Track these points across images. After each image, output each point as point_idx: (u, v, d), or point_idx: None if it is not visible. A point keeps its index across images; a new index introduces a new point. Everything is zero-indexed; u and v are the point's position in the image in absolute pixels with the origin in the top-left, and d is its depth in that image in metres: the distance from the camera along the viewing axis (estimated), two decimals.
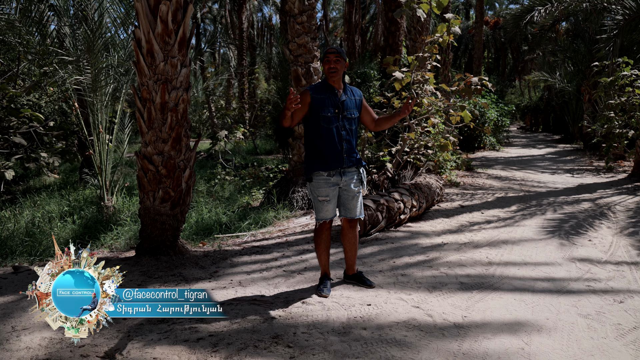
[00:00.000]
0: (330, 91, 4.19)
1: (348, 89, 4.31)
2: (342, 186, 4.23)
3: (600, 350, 3.23)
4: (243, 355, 3.21)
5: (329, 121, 4.14)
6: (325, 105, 4.13)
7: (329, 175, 4.17)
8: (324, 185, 4.17)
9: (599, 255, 5.39)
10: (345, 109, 4.20)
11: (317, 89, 4.21)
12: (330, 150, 4.15)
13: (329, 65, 4.13)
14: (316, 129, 4.18)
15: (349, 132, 4.22)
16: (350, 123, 4.23)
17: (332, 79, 4.16)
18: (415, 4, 9.08)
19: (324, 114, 4.13)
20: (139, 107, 5.28)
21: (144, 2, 4.95)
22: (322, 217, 4.26)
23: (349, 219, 4.35)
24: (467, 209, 7.93)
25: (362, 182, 4.33)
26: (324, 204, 4.21)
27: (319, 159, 4.17)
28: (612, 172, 12.29)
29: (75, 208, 8.25)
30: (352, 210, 4.30)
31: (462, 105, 9.08)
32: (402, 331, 3.52)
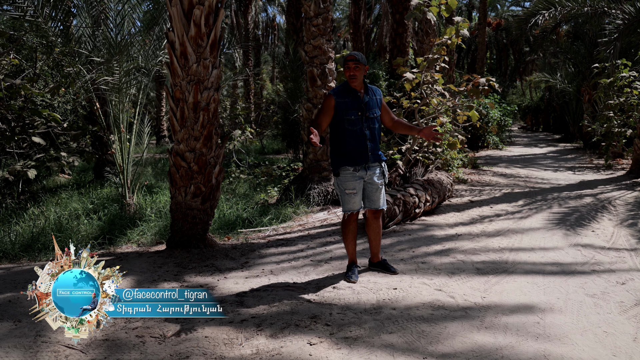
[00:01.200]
0: (352, 94, 4.46)
1: (369, 89, 4.58)
2: (366, 180, 4.52)
3: (606, 323, 3.60)
4: (287, 332, 3.54)
5: (353, 123, 4.43)
6: (349, 109, 4.42)
7: (354, 170, 4.47)
8: (351, 179, 4.47)
9: (601, 244, 5.76)
10: (368, 109, 4.48)
11: (340, 92, 4.48)
12: (356, 149, 4.44)
13: (349, 72, 4.41)
14: (342, 131, 4.47)
15: (372, 131, 4.50)
16: (373, 122, 4.51)
17: (353, 84, 4.44)
18: (425, 7, 9.43)
19: (348, 117, 4.42)
20: (171, 106, 5.61)
21: (178, 7, 5.28)
22: (349, 208, 4.56)
23: (373, 210, 4.67)
24: (476, 203, 8.28)
25: (384, 176, 4.60)
26: (351, 197, 4.51)
27: (345, 156, 4.48)
28: (611, 169, 12.66)
29: (99, 206, 8.57)
30: (376, 201, 4.61)
31: (469, 105, 9.42)
32: (429, 310, 3.87)
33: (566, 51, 20.07)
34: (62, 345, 3.37)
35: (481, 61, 26.17)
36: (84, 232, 6.97)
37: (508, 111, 19.99)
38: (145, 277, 4.84)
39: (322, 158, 8.74)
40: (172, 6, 5.30)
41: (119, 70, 7.72)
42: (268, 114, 21.95)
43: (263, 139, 21.33)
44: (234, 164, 11.66)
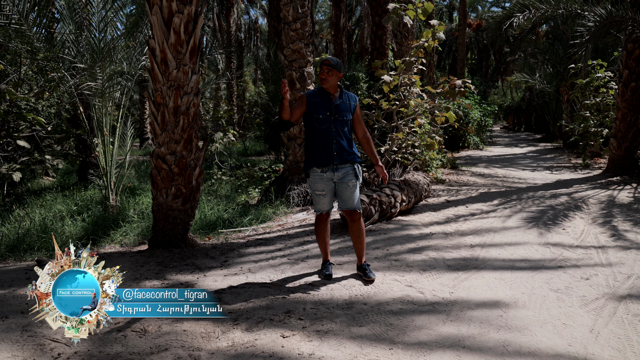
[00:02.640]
0: (325, 96, 4.61)
1: (344, 94, 4.70)
2: (335, 180, 4.61)
3: (566, 316, 3.81)
4: (261, 326, 3.71)
5: (321, 122, 4.54)
6: (319, 108, 4.55)
7: (322, 172, 4.57)
8: (319, 180, 4.59)
9: (571, 241, 5.99)
10: (338, 111, 4.58)
11: (314, 93, 4.66)
12: (321, 148, 4.55)
13: (321, 75, 4.58)
14: (311, 130, 4.62)
15: (340, 133, 4.58)
16: (342, 125, 4.60)
17: (324, 87, 4.60)
18: (402, 10, 9.64)
19: (317, 116, 4.54)
20: (152, 111, 5.76)
21: (159, 15, 5.43)
22: (318, 209, 4.71)
23: (348, 212, 4.67)
24: (452, 203, 8.51)
25: (356, 176, 4.64)
26: (319, 197, 4.64)
27: (312, 157, 4.60)
28: (588, 168, 12.96)
29: (82, 207, 8.68)
30: (347, 201, 4.64)
31: (446, 107, 9.64)
32: (398, 305, 4.06)
33: (544, 52, 20.47)
34: (48, 339, 3.51)
35: (462, 62, 26.52)
36: (68, 233, 7.08)
37: (488, 111, 20.34)
38: (127, 276, 4.96)
39: (302, 159, 8.91)
40: (152, 14, 5.45)
41: (101, 75, 7.83)
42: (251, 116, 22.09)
43: (246, 140, 21.46)
44: (216, 166, 11.80)
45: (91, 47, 8.62)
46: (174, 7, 5.44)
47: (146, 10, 5.80)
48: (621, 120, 11.25)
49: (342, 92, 4.70)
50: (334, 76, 4.57)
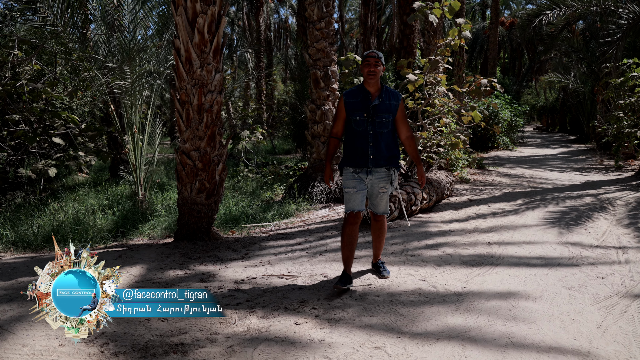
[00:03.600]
0: (363, 95, 4.35)
1: (385, 92, 4.39)
2: (367, 183, 4.40)
3: (576, 312, 3.85)
4: (276, 314, 3.85)
5: (358, 124, 4.33)
6: (356, 110, 4.32)
7: (354, 172, 4.39)
8: (351, 178, 4.39)
9: (591, 242, 5.97)
10: (376, 112, 4.30)
11: (351, 93, 4.42)
12: (357, 150, 4.34)
13: (368, 68, 4.26)
14: (349, 131, 4.43)
15: (378, 136, 4.31)
16: (381, 126, 4.31)
17: (369, 82, 4.30)
18: (428, 9, 9.68)
19: (354, 118, 4.33)
20: (177, 108, 5.96)
21: (183, 16, 5.62)
22: (348, 207, 4.42)
23: (375, 215, 4.64)
24: (474, 202, 8.52)
25: (391, 182, 4.45)
26: (350, 195, 4.39)
27: (348, 157, 4.42)
28: (620, 170, 12.74)
29: (113, 202, 8.98)
30: (376, 206, 4.55)
31: (472, 106, 9.64)
32: (410, 297, 4.16)
33: (579, 50, 20.11)
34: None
35: (493, 61, 26.23)
36: (99, 226, 7.36)
37: (519, 112, 20.09)
38: (153, 266, 5.18)
39: (325, 157, 9.02)
40: (177, 15, 5.64)
41: (130, 75, 8.09)
42: (279, 114, 22.33)
43: (274, 139, 21.68)
44: (243, 164, 12.01)
45: (122, 47, 8.92)
46: (198, 7, 5.62)
47: (171, 11, 6.00)
48: None
49: (382, 90, 4.39)
50: (380, 69, 4.31)
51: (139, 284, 4.66)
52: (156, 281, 4.73)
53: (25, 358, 3.18)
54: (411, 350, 3.23)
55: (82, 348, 3.34)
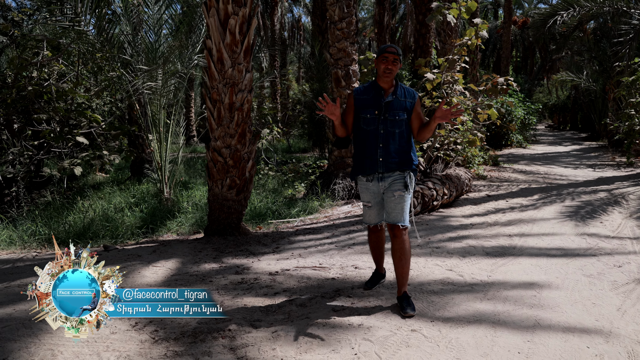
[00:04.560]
0: (376, 92, 3.99)
1: (400, 89, 4.02)
2: (382, 190, 4.01)
3: (596, 297, 4.07)
4: (314, 302, 4.09)
5: (368, 123, 3.95)
6: (367, 107, 3.96)
7: (367, 181, 4.02)
8: (365, 190, 4.07)
9: (607, 233, 6.19)
10: (389, 110, 3.93)
11: (363, 89, 4.08)
12: (367, 154, 3.97)
13: (385, 64, 3.91)
14: (358, 131, 4.04)
15: (389, 136, 3.93)
16: (393, 125, 3.93)
17: (386, 80, 3.95)
18: (446, 9, 9.89)
19: (364, 116, 3.96)
20: (209, 107, 6.21)
21: (215, 17, 5.87)
22: (365, 221, 4.21)
23: (390, 225, 3.97)
24: (493, 197, 8.72)
25: (406, 186, 3.95)
26: (366, 209, 4.14)
27: (357, 162, 4.07)
28: (632, 167, 12.89)
29: (139, 200, 9.26)
30: (390, 213, 3.95)
31: (489, 104, 9.84)
32: (439, 286, 4.38)
33: (591, 49, 20.23)
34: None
35: (506, 60, 26.36)
36: (128, 223, 7.62)
37: (532, 110, 20.22)
38: (188, 260, 5.43)
39: (347, 155, 9.26)
40: (209, 17, 5.89)
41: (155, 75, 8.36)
42: (294, 113, 22.57)
43: (289, 138, 21.93)
44: (263, 162, 12.27)
45: (146, 47, 9.19)
46: (230, 9, 5.87)
47: (203, 13, 6.24)
48: None
49: (397, 87, 4.01)
50: (398, 66, 3.95)
51: (176, 277, 4.90)
52: (193, 274, 4.97)
53: (79, 346, 3.41)
54: (445, 332, 3.46)
55: (133, 335, 3.58)
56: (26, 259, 5.85)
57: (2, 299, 4.28)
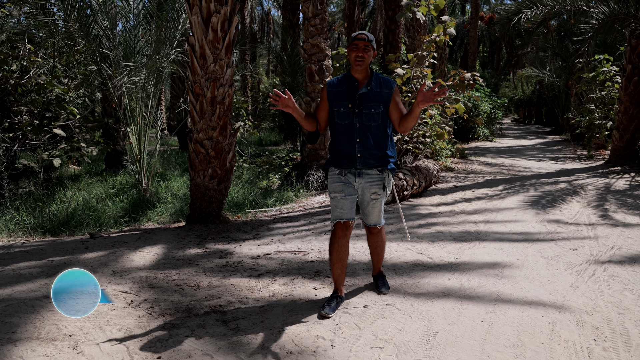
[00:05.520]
0: (350, 83, 3.73)
1: (375, 80, 3.74)
2: (357, 187, 3.78)
3: (552, 275, 4.51)
4: (296, 282, 4.42)
5: (342, 117, 3.71)
6: (340, 100, 3.72)
7: (340, 174, 3.78)
8: (337, 180, 3.79)
9: (565, 220, 6.69)
10: (363, 102, 3.67)
11: (336, 82, 3.82)
12: (344, 150, 3.74)
13: (356, 52, 3.62)
14: (332, 125, 3.81)
15: (365, 130, 3.69)
16: (369, 119, 3.68)
17: (357, 69, 3.66)
18: (415, 7, 10.27)
19: (337, 109, 3.72)
20: (191, 100, 6.47)
21: (198, 15, 6.13)
22: (335, 216, 3.78)
23: (366, 225, 3.98)
24: (460, 188, 9.19)
25: (383, 188, 3.77)
26: (337, 201, 3.76)
27: (334, 157, 3.82)
28: (592, 159, 13.57)
29: (119, 191, 9.44)
30: (367, 215, 3.89)
31: (456, 98, 10.29)
32: (410, 267, 4.77)
33: (554, 46, 20.99)
34: (118, 289, 4.25)
35: (473, 55, 26.97)
36: (110, 212, 7.82)
37: (498, 104, 20.89)
38: (173, 245, 5.71)
39: (320, 147, 9.60)
40: (192, 14, 6.15)
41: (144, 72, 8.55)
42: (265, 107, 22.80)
43: (260, 131, 22.16)
44: (237, 154, 12.54)
45: (124, 41, 9.36)
46: (212, 7, 6.13)
47: (186, 10, 6.48)
48: (623, 113, 11.84)
49: (372, 78, 3.73)
50: (370, 54, 3.66)
51: (164, 261, 5.18)
52: (179, 258, 5.25)
53: (81, 321, 3.66)
54: (417, 305, 3.84)
55: (130, 311, 3.87)
56: (16, 245, 6.03)
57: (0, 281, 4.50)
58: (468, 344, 3.21)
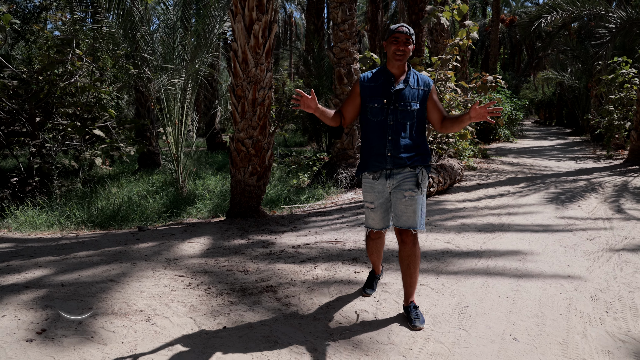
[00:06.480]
0: (385, 78, 3.57)
1: (413, 76, 3.60)
2: (390, 190, 3.61)
3: (570, 261, 4.96)
4: (336, 267, 4.90)
5: (375, 113, 3.55)
6: (375, 95, 3.56)
7: (373, 179, 3.63)
8: (370, 190, 3.66)
9: (583, 214, 7.09)
10: (399, 99, 3.51)
11: (371, 76, 3.65)
12: (373, 148, 3.58)
13: (396, 46, 3.46)
14: (365, 123, 3.66)
15: (399, 127, 3.52)
16: (404, 117, 3.52)
17: (397, 64, 3.50)
18: (439, 12, 10.72)
19: (371, 105, 3.56)
20: (233, 102, 6.98)
21: (241, 23, 6.64)
22: (367, 224, 3.80)
23: (399, 230, 3.61)
24: (483, 186, 9.61)
25: (418, 185, 3.52)
26: (369, 211, 3.71)
27: (364, 158, 3.67)
28: (611, 159, 13.89)
29: (158, 188, 10.02)
30: (401, 217, 3.56)
31: (479, 100, 10.69)
32: (440, 254, 5.23)
33: (574, 49, 21.24)
34: (175, 274, 4.76)
35: (494, 57, 27.29)
36: (152, 208, 8.38)
37: (519, 105, 21.20)
38: (218, 237, 6.22)
39: (348, 147, 10.07)
40: (236, 22, 6.67)
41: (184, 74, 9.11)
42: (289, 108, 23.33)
43: (285, 132, 22.73)
44: None
45: (164, 46, 9.93)
46: (254, 16, 6.65)
47: (229, 18, 6.99)
48: None
49: (409, 74, 3.59)
50: (410, 49, 3.51)
51: (212, 250, 5.68)
52: (225, 247, 5.76)
53: (148, 300, 4.17)
54: (448, 285, 4.30)
55: (190, 291, 4.37)
56: (70, 237, 6.59)
57: (65, 267, 5.02)
58: (495, 315, 3.67)
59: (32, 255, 5.44)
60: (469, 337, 3.35)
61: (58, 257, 5.37)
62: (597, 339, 3.30)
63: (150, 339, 3.40)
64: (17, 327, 3.53)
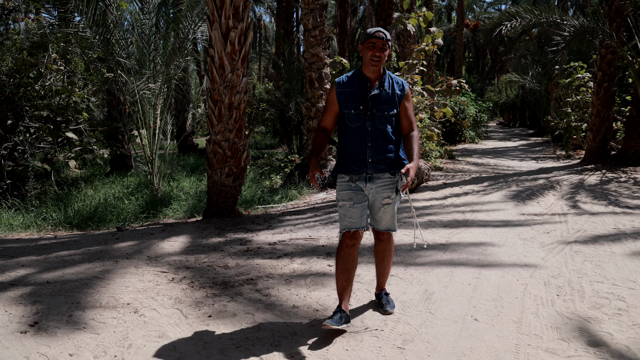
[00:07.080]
0: (361, 83, 3.53)
1: (388, 80, 3.57)
2: (367, 193, 3.58)
3: (527, 252, 5.39)
4: (312, 261, 5.21)
5: (353, 119, 3.52)
6: (350, 101, 3.52)
7: (350, 180, 3.56)
8: (346, 188, 3.57)
9: (541, 210, 7.58)
10: (375, 104, 3.49)
11: (347, 81, 3.60)
12: (354, 154, 3.53)
13: (373, 52, 3.42)
14: (342, 128, 3.62)
15: (378, 133, 3.50)
16: (382, 122, 3.50)
17: (372, 69, 3.48)
18: (405, 19, 11.14)
19: (347, 111, 3.53)
20: (210, 105, 7.23)
21: (218, 30, 6.91)
22: (344, 225, 3.58)
23: (376, 230, 3.78)
24: (448, 185, 10.05)
25: (396, 191, 3.58)
26: (345, 209, 3.55)
27: (343, 162, 3.59)
28: (569, 159, 14.59)
29: (133, 190, 10.17)
30: (378, 221, 3.69)
31: (444, 103, 11.15)
32: (408, 249, 5.60)
33: (534, 54, 22.06)
34: (157, 270, 5.01)
35: (459, 61, 28.01)
36: (129, 209, 8.55)
37: (483, 108, 21.89)
38: (196, 235, 6.46)
39: None
40: (213, 29, 6.93)
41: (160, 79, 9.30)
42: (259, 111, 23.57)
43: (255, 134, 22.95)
44: None
45: (140, 50, 10.10)
46: (231, 23, 6.92)
47: (206, 25, 7.23)
48: (596, 116, 12.84)
49: (384, 78, 3.56)
50: (387, 54, 3.48)
51: (191, 247, 5.93)
52: (204, 245, 6.01)
53: (134, 294, 4.40)
54: (416, 274, 4.66)
55: (174, 285, 4.62)
56: (48, 237, 6.74)
57: (48, 266, 5.19)
58: (458, 299, 4.04)
59: (13, 255, 5.58)
60: (435, 319, 3.70)
61: (40, 257, 5.52)
62: (547, 318, 3.69)
63: (140, 328, 3.64)
64: (9, 321, 3.71)
